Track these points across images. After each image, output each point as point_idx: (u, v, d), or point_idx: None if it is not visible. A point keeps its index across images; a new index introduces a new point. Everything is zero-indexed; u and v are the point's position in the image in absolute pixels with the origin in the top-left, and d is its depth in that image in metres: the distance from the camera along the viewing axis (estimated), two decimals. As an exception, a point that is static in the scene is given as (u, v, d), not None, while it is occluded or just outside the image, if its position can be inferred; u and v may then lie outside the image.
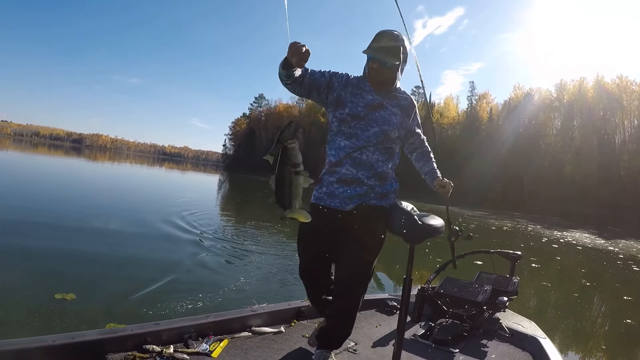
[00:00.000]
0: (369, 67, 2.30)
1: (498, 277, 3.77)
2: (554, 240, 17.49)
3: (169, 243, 7.54)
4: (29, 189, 12.59)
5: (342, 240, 2.28)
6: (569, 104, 56.00)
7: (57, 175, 20.61)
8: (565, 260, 12.26)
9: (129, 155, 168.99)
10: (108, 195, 14.10)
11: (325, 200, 2.28)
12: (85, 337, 2.14)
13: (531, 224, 25.77)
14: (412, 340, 3.02)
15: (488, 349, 2.97)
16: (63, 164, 31.28)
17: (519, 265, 4.01)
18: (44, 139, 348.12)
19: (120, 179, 24.49)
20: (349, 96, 2.29)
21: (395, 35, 2.24)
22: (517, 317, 3.53)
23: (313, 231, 2.31)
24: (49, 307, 3.80)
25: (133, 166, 46.97)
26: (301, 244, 2.44)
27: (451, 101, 73.73)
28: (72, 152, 77.16)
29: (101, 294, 4.38)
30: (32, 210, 8.77)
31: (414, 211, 2.24)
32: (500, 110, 65.53)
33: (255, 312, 2.86)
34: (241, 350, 2.50)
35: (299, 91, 2.25)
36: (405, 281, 2.16)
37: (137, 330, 2.32)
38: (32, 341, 2.01)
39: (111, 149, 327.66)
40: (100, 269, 5.34)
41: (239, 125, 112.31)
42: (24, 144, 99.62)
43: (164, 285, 5.00)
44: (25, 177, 16.92)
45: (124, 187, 18.87)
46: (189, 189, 23.90)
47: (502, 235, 17.61)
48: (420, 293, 3.44)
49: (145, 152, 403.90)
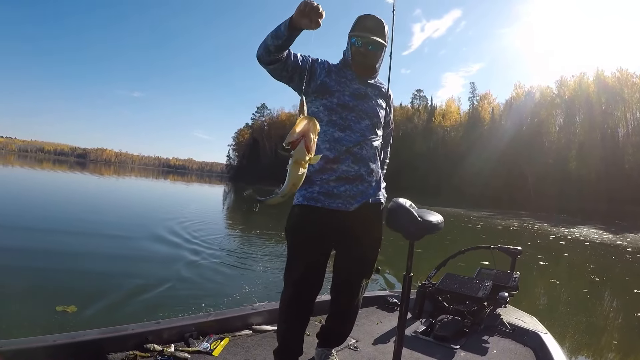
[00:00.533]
0: (353, 52, 2.12)
1: (498, 272, 3.73)
2: (561, 237, 17.44)
3: (173, 249, 7.54)
4: (33, 204, 12.63)
5: (345, 243, 2.15)
6: (570, 100, 55.85)
7: (63, 189, 20.68)
8: (573, 256, 12.20)
9: (133, 168, 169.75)
10: (113, 209, 14.12)
11: (323, 201, 2.04)
12: (86, 337, 2.14)
13: (538, 222, 25.70)
14: (413, 336, 3.01)
15: (489, 345, 2.95)
16: (68, 179, 31.41)
17: (526, 263, 3.98)
18: (49, 155, 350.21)
19: (126, 192, 24.60)
20: (335, 84, 2.11)
21: (379, 18, 2.11)
22: (518, 313, 3.51)
23: (313, 240, 2.07)
24: (50, 320, 3.77)
25: (138, 179, 47.17)
26: (299, 260, 2.09)
27: (453, 103, 74.06)
28: (77, 166, 77.63)
29: (103, 305, 4.34)
30: (37, 223, 8.80)
31: (413, 207, 2.20)
32: (502, 110, 65.69)
33: (256, 310, 2.86)
34: (242, 348, 2.49)
35: (280, 74, 2.01)
36: (405, 278, 2.12)
37: (138, 329, 2.32)
38: (33, 341, 2.01)
39: (115, 163, 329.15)
40: (103, 280, 5.29)
41: (242, 135, 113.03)
42: (28, 159, 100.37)
43: (165, 286, 5.03)
44: (33, 192, 16.98)
45: (129, 200, 18.96)
46: (195, 201, 23.94)
47: (509, 234, 17.51)
48: (420, 289, 3.42)
49: (150, 165, 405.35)
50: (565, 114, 56.83)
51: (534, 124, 57.51)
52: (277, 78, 2.04)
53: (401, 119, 77.80)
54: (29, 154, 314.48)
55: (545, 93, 59.81)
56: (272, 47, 1.85)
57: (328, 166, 2.05)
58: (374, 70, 2.20)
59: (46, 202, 13.35)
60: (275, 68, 1.97)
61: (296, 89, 2.09)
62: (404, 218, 2.14)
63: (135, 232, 8.88)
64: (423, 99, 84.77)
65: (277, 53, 1.88)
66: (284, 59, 1.96)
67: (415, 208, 2.20)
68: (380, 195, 2.22)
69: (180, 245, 7.91)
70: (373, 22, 2.09)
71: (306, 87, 2.06)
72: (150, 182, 41.41)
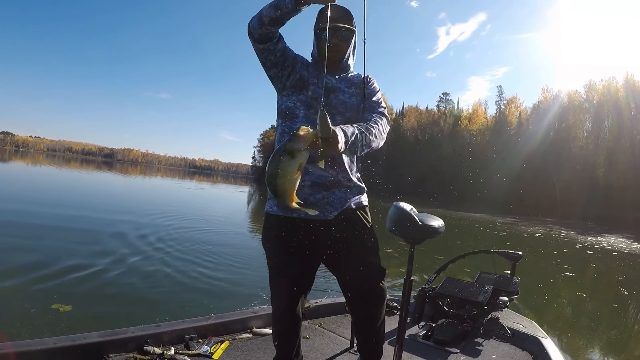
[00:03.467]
0: (321, 47, 1.96)
1: (499, 277, 3.74)
2: (588, 246, 16.95)
3: (173, 249, 7.48)
4: (52, 202, 12.88)
5: (335, 254, 1.93)
6: (599, 105, 54.46)
7: (93, 186, 21.20)
8: (600, 267, 11.77)
9: (159, 168, 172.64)
10: (135, 208, 14.26)
11: (298, 211, 1.77)
12: (85, 340, 2.14)
13: (564, 230, 25.17)
14: (413, 340, 3.02)
15: (489, 349, 2.95)
16: (96, 179, 32.10)
17: (552, 274, 3.92)
18: (76, 154, 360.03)
19: (149, 192, 25.03)
20: (312, 78, 1.96)
21: (342, 6, 1.93)
22: (518, 317, 3.53)
23: (292, 255, 1.92)
24: (44, 319, 3.76)
25: (164, 179, 47.90)
26: (281, 277, 1.97)
27: (479, 107, 72.93)
28: (104, 166, 79.36)
29: (103, 305, 4.35)
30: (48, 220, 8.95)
31: (414, 211, 2.17)
32: (530, 114, 64.50)
33: (256, 313, 2.85)
34: (242, 351, 2.48)
35: (267, 57, 1.85)
36: (406, 282, 2.13)
37: (137, 332, 2.33)
38: (33, 343, 2.02)
39: (142, 163, 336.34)
40: (103, 280, 5.22)
41: (267, 137, 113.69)
42: (56, 159, 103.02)
43: (164, 288, 5.05)
44: (59, 190, 17.36)
45: (149, 200, 19.16)
46: (221, 201, 24.24)
47: (534, 242, 17.08)
48: (420, 293, 3.44)
49: (176, 166, 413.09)
50: (593, 119, 55.43)
51: (562, 129, 56.30)
52: (263, 60, 1.88)
53: (427, 123, 77.38)
54: (57, 153, 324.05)
55: (573, 97, 58.48)
56: (267, 19, 1.69)
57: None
58: (345, 61, 2.02)
59: (63, 200, 13.59)
60: (264, 48, 1.82)
61: (275, 78, 1.95)
62: (404, 222, 2.14)
63: (138, 231, 8.80)
64: (449, 102, 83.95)
65: (270, 26, 1.72)
66: (275, 41, 1.82)
67: (415, 212, 2.18)
68: (363, 199, 2.05)
69: (181, 245, 7.89)
70: (337, 12, 1.92)
71: (285, 80, 1.94)
72: (170, 182, 41.92)
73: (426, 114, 79.90)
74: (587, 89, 57.36)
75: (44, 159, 78.63)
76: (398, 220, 2.17)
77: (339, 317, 3.27)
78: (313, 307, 3.19)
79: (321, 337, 2.87)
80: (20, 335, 3.22)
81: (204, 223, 11.42)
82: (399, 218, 2.18)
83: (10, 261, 5.41)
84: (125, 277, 5.33)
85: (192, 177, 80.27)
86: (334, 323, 3.15)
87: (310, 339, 2.78)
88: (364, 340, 2.09)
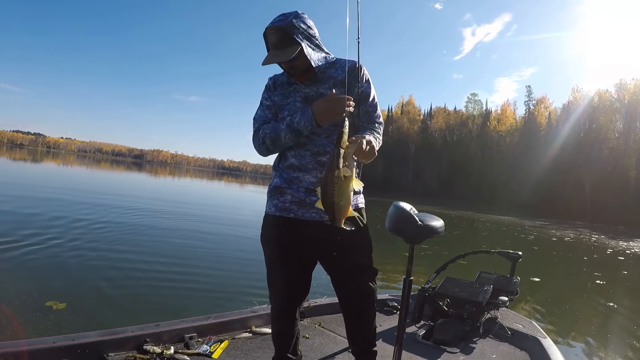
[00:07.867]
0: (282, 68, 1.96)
1: (498, 277, 3.75)
2: (620, 251, 16.38)
3: (174, 249, 7.47)
4: (67, 201, 12.85)
5: (329, 256, 1.93)
6: (630, 104, 52.91)
7: (122, 186, 21.48)
8: (633, 274, 11.12)
9: (188, 170, 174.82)
10: (142, 208, 14.31)
11: (295, 211, 1.91)
12: (85, 339, 2.16)
13: (595, 234, 24.50)
14: (412, 340, 3.02)
15: (488, 349, 2.97)
16: (127, 178, 32.66)
17: (584, 282, 3.81)
18: (107, 155, 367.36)
19: (178, 191, 25.26)
20: (281, 98, 1.98)
21: (278, 25, 1.81)
22: (517, 317, 3.55)
23: (289, 255, 1.96)
24: (38, 317, 3.77)
25: (193, 180, 48.41)
26: (279, 276, 2.00)
27: (508, 107, 71.61)
28: (134, 167, 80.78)
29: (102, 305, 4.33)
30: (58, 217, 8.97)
31: (413, 211, 2.18)
32: (559, 115, 62.95)
33: (256, 312, 2.86)
34: (242, 351, 2.48)
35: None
36: (406, 281, 2.13)
37: (137, 332, 2.34)
38: (32, 343, 2.04)
39: (171, 164, 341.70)
40: (103, 280, 5.18)
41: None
42: (87, 159, 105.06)
43: (164, 287, 5.06)
44: (64, 188, 17.62)
45: (158, 199, 19.20)
46: (244, 201, 24.35)
47: (564, 247, 16.64)
48: (420, 293, 3.45)
49: (205, 167, 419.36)
50: (624, 119, 53.83)
51: (592, 130, 54.88)
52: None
53: (455, 124, 76.48)
54: (87, 154, 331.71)
55: (603, 97, 56.91)
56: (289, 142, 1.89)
57: (295, 175, 1.93)
58: (312, 69, 1.91)
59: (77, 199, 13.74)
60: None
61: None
62: (404, 222, 2.15)
63: (139, 231, 8.84)
64: (478, 103, 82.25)
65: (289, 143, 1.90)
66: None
67: (415, 212, 2.18)
68: (360, 200, 2.03)
69: (182, 246, 7.88)
70: (273, 36, 1.83)
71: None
72: (205, 183, 42.34)
73: (454, 115, 78.89)
74: (618, 88, 55.76)
75: (75, 160, 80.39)
76: (398, 220, 2.19)
77: (339, 317, 3.24)
78: (313, 307, 3.21)
79: (321, 336, 2.88)
80: (16, 332, 3.29)
81: (208, 222, 11.53)
82: (398, 218, 2.18)
83: (10, 261, 5.45)
84: (124, 276, 5.35)
85: (220, 177, 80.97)
86: (333, 322, 3.15)
87: (310, 338, 2.78)
88: (354, 339, 2.12)
